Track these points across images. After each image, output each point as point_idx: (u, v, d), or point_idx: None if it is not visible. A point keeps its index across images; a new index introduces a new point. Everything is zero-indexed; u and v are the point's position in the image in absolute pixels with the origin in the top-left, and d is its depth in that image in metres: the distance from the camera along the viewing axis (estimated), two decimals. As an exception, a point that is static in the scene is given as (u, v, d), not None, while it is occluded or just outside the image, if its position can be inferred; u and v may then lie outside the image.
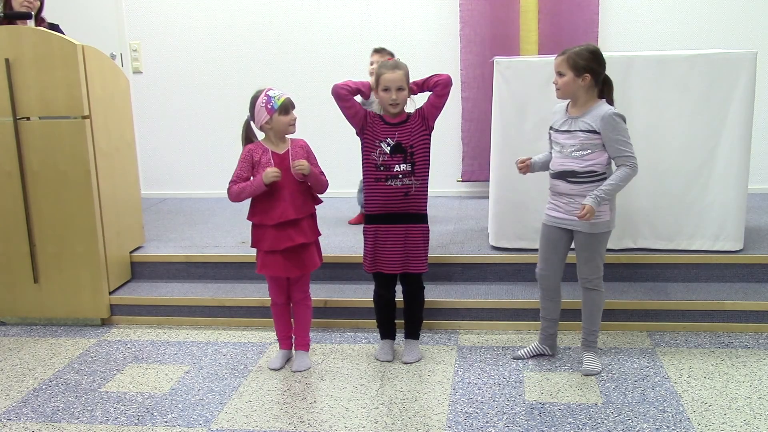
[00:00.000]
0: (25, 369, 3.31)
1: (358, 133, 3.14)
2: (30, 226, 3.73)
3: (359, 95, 3.13)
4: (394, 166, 3.03)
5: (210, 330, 3.71)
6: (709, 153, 3.60)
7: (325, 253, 3.35)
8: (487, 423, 2.67)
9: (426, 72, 3.16)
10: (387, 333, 3.31)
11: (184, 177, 5.84)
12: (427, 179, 3.10)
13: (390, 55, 4.29)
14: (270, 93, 2.97)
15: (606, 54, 2.89)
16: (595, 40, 5.12)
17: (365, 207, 3.17)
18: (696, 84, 3.55)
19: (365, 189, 3.13)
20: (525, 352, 3.22)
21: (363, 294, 3.63)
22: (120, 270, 3.97)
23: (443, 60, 5.28)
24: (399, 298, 3.27)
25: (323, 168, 3.17)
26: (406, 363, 3.20)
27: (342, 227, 4.55)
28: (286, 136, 3.07)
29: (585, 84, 2.85)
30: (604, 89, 2.92)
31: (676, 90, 3.57)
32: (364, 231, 3.17)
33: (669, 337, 3.40)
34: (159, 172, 5.84)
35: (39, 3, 3.89)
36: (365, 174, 3.12)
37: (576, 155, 2.89)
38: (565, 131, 2.93)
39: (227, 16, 5.55)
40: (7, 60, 3.55)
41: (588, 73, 2.83)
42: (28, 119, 3.64)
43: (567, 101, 2.97)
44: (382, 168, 3.05)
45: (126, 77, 4.09)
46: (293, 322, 3.25)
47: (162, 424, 2.76)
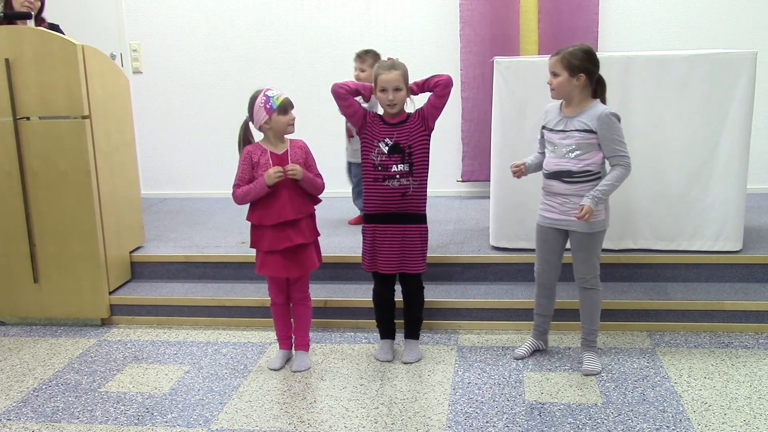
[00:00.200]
0: (25, 369, 3.31)
1: (358, 133, 3.14)
2: (30, 226, 3.73)
3: (361, 98, 3.13)
4: (391, 166, 3.03)
5: (210, 330, 3.71)
6: (709, 153, 3.60)
7: (325, 253, 3.35)
8: (487, 423, 2.67)
9: (426, 72, 3.15)
10: (386, 333, 3.32)
11: (184, 177, 5.84)
12: (426, 180, 3.09)
13: (373, 58, 4.29)
14: (268, 93, 2.97)
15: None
16: (595, 40, 5.12)
17: (364, 206, 3.17)
18: (696, 84, 3.55)
19: (364, 188, 3.14)
20: (524, 351, 3.22)
21: (363, 294, 3.63)
22: (120, 270, 3.97)
23: (443, 60, 5.28)
24: (399, 298, 3.28)
25: (322, 168, 3.17)
26: (406, 363, 3.20)
27: (342, 227, 4.55)
28: (285, 136, 3.07)
29: (580, 84, 2.85)
30: (597, 89, 2.93)
31: (676, 90, 3.57)
32: (363, 230, 3.17)
33: (669, 337, 3.40)
34: (159, 172, 5.84)
35: (40, 3, 3.89)
36: (364, 173, 3.11)
37: (571, 155, 2.90)
38: (560, 131, 2.93)
39: (227, 15, 5.55)
40: (7, 60, 3.55)
41: (582, 73, 2.84)
42: (28, 119, 3.64)
43: (559, 101, 2.98)
44: (379, 168, 3.04)
45: (126, 77, 4.09)
46: (293, 322, 3.26)
47: (162, 424, 2.76)
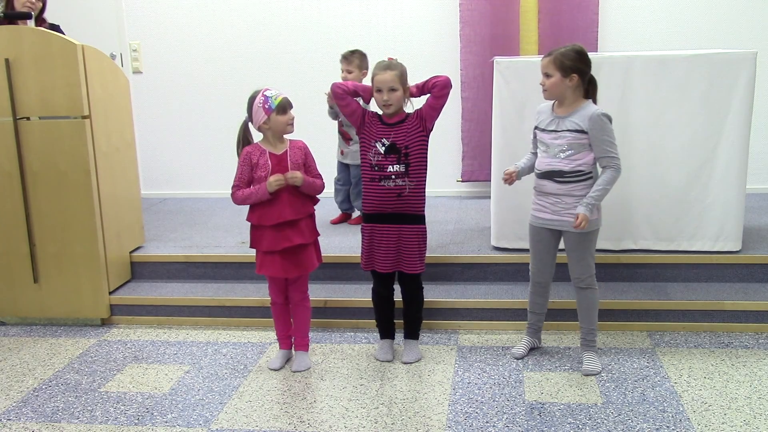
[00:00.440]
0: (25, 369, 3.31)
1: (357, 132, 3.14)
2: (30, 226, 3.73)
3: (361, 99, 3.13)
4: (387, 166, 3.02)
5: (210, 330, 3.71)
6: (709, 153, 3.60)
7: (325, 253, 3.35)
8: (487, 423, 2.67)
9: (426, 72, 3.15)
10: (386, 332, 3.32)
11: (184, 177, 5.84)
12: (424, 180, 3.08)
13: (360, 59, 4.29)
14: (267, 93, 2.97)
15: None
16: (595, 40, 5.12)
17: (363, 206, 3.18)
18: (696, 84, 3.55)
19: (363, 188, 3.13)
20: (522, 350, 3.23)
21: (363, 294, 3.63)
22: (120, 270, 3.97)
23: (443, 60, 5.28)
24: (399, 298, 3.28)
25: (322, 168, 3.17)
26: (405, 363, 3.20)
27: (342, 227, 4.54)
28: (284, 136, 3.07)
29: (572, 84, 2.86)
30: (589, 89, 2.93)
31: (676, 90, 3.57)
32: (361, 229, 3.17)
33: (669, 337, 3.40)
34: (159, 172, 5.84)
35: (41, 4, 3.89)
36: (362, 173, 3.12)
37: (563, 155, 2.90)
38: (552, 131, 2.94)
39: (227, 16, 5.55)
40: (7, 60, 3.55)
41: (575, 73, 2.84)
42: (28, 119, 3.64)
43: (552, 101, 2.98)
44: (376, 168, 3.04)
45: (126, 77, 4.09)
46: (293, 322, 3.25)
47: (162, 424, 2.76)
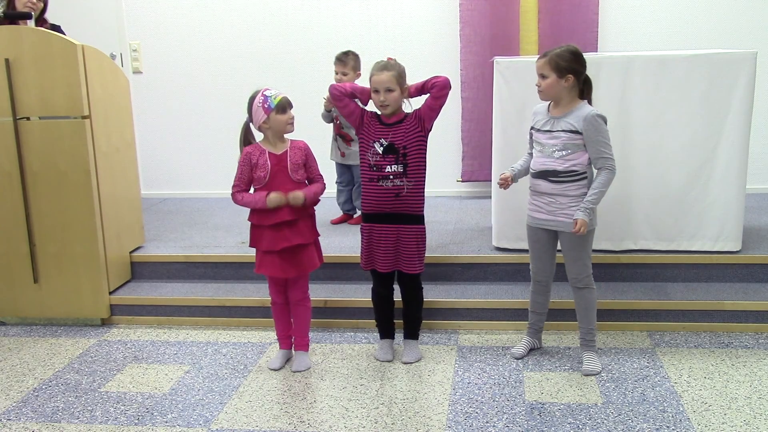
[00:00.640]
0: (25, 369, 3.31)
1: (356, 133, 3.14)
2: (30, 226, 3.73)
3: (359, 101, 3.14)
4: (385, 166, 3.02)
5: (210, 330, 3.71)
6: (709, 153, 3.60)
7: (325, 253, 3.35)
8: (487, 423, 2.67)
9: (425, 72, 3.15)
10: (386, 332, 3.32)
11: (184, 177, 5.84)
12: (422, 181, 3.08)
13: (355, 60, 4.30)
14: (267, 93, 2.98)
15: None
16: (595, 40, 5.12)
17: (362, 206, 3.18)
18: (696, 84, 3.55)
19: (362, 188, 3.14)
20: (522, 350, 3.23)
21: (363, 294, 3.63)
22: (120, 270, 3.97)
23: (443, 60, 5.28)
24: (398, 298, 3.28)
25: (323, 168, 3.18)
26: (405, 363, 3.20)
27: (342, 227, 4.54)
28: (284, 135, 3.07)
29: (568, 85, 2.87)
30: (584, 89, 2.94)
31: (676, 90, 3.57)
32: (360, 229, 3.17)
33: (669, 337, 3.40)
34: (159, 172, 5.84)
35: (42, 4, 3.89)
36: (361, 173, 3.12)
37: (557, 155, 2.91)
38: (547, 131, 2.94)
39: (227, 15, 5.55)
40: (7, 60, 3.55)
41: (570, 74, 2.85)
42: (28, 119, 3.64)
43: (548, 102, 2.99)
44: (374, 168, 3.04)
45: (126, 77, 4.09)
46: (293, 322, 3.25)
47: (162, 424, 2.76)
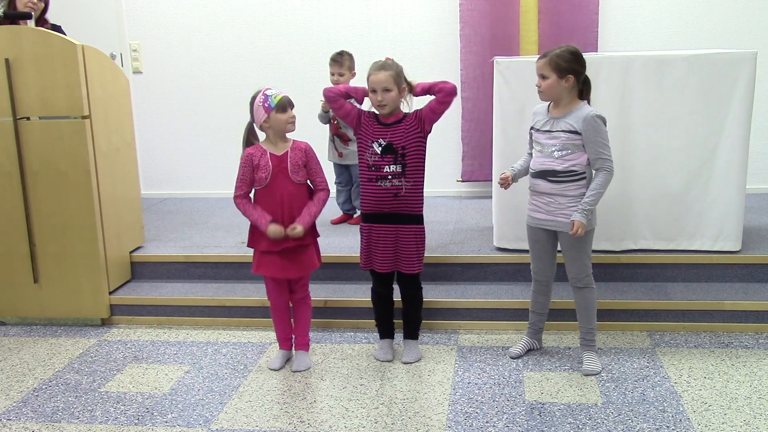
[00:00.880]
0: (25, 369, 3.31)
1: (354, 133, 3.15)
2: (30, 226, 3.73)
3: (354, 101, 3.14)
4: (384, 166, 3.02)
5: (210, 330, 3.71)
6: (709, 153, 3.60)
7: (325, 253, 3.36)
8: (487, 423, 2.67)
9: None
10: (386, 332, 3.32)
11: (184, 177, 5.84)
12: (421, 181, 3.07)
13: (350, 60, 4.31)
14: (267, 92, 2.98)
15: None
16: (595, 40, 5.12)
17: (361, 206, 3.18)
18: (696, 84, 3.55)
19: (361, 188, 3.14)
20: (519, 349, 3.23)
21: (363, 294, 3.63)
22: (120, 270, 3.97)
23: (443, 60, 5.28)
24: (398, 298, 3.28)
25: (324, 168, 3.17)
26: (405, 363, 3.20)
27: (342, 227, 4.54)
28: (286, 135, 3.07)
29: (568, 85, 2.87)
30: (583, 89, 2.94)
31: (676, 90, 3.57)
32: (360, 229, 3.18)
33: (669, 337, 3.40)
34: (159, 172, 5.84)
35: (43, 4, 3.89)
36: (360, 173, 3.12)
37: (557, 155, 2.91)
38: (547, 131, 2.95)
39: (227, 16, 5.55)
40: (7, 60, 3.55)
41: (571, 74, 2.85)
42: (28, 119, 3.64)
43: (547, 102, 2.99)
44: (373, 168, 3.04)
45: (126, 77, 4.09)
46: (293, 321, 3.26)
47: (162, 424, 2.76)
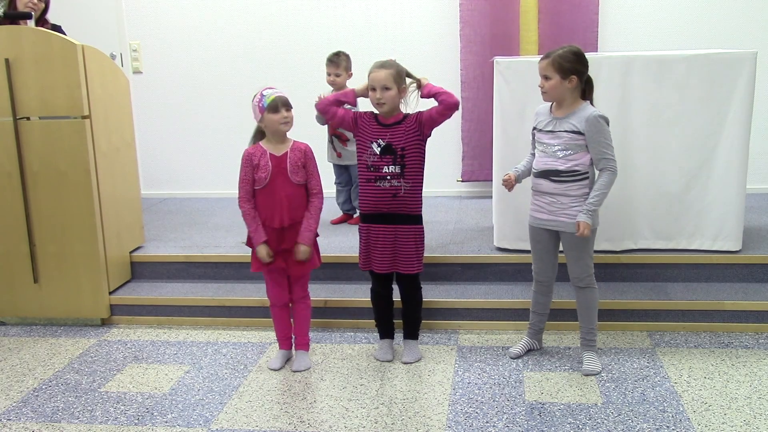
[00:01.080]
0: (25, 369, 3.31)
1: (354, 136, 3.15)
2: (30, 226, 3.73)
3: (347, 104, 3.15)
4: (383, 167, 3.03)
5: (210, 330, 3.71)
6: (709, 153, 3.60)
7: (325, 253, 3.36)
8: (487, 423, 2.67)
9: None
10: (386, 332, 3.32)
11: (184, 177, 5.84)
12: (420, 181, 3.08)
13: (347, 60, 4.31)
14: (265, 92, 3.00)
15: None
16: (595, 40, 5.12)
17: (360, 206, 3.18)
18: (696, 84, 3.55)
19: (359, 188, 3.14)
20: (519, 349, 3.23)
21: (363, 294, 3.63)
22: (120, 270, 3.97)
23: (443, 60, 5.28)
24: (398, 298, 3.28)
25: (323, 169, 3.18)
26: (405, 363, 3.20)
27: (342, 227, 4.54)
28: (286, 135, 3.08)
29: (572, 86, 2.87)
30: (585, 89, 2.94)
31: (676, 90, 3.57)
32: (359, 229, 3.18)
33: (669, 337, 3.40)
34: (159, 172, 5.84)
35: (43, 4, 3.89)
36: (359, 173, 3.12)
37: (560, 155, 2.91)
38: (550, 131, 2.95)
39: (227, 16, 5.55)
40: (7, 60, 3.55)
41: (574, 75, 2.85)
42: (28, 119, 3.64)
43: (550, 102, 2.99)
44: (372, 169, 3.04)
45: (126, 77, 4.09)
46: (293, 321, 3.26)
47: (162, 424, 2.76)
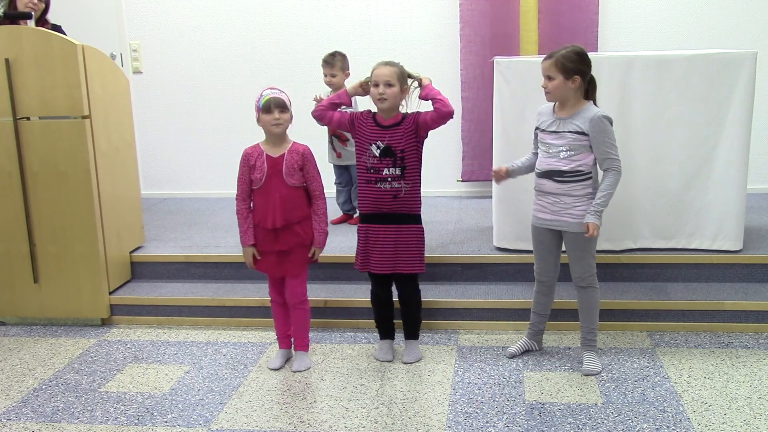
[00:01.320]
0: (25, 369, 3.31)
1: (353, 136, 3.16)
2: (30, 226, 3.73)
3: (343, 105, 3.16)
4: (383, 169, 3.03)
5: (210, 330, 3.71)
6: (709, 153, 3.60)
7: (325, 253, 3.35)
8: (487, 423, 2.67)
9: (425, 72, 3.15)
10: (386, 333, 3.32)
11: (184, 177, 5.84)
12: (419, 182, 3.09)
13: (342, 61, 4.31)
14: (264, 92, 3.02)
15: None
16: (595, 40, 5.12)
17: (359, 206, 3.18)
18: (696, 84, 3.55)
19: (359, 189, 3.14)
20: (516, 349, 3.23)
21: (363, 294, 3.63)
22: (120, 270, 3.97)
23: (443, 60, 5.28)
24: (397, 299, 3.28)
25: (323, 169, 3.18)
26: (405, 363, 3.20)
27: (342, 227, 4.54)
28: (286, 136, 3.08)
29: (575, 86, 2.87)
30: (588, 88, 2.94)
31: (676, 90, 3.57)
32: (357, 230, 3.18)
33: (669, 337, 3.40)
34: (159, 172, 5.84)
35: (43, 5, 3.89)
36: (358, 174, 3.13)
37: (563, 155, 2.91)
38: (553, 132, 2.95)
39: (227, 16, 5.55)
40: (7, 60, 3.55)
41: (577, 75, 2.85)
42: (28, 119, 3.64)
43: (553, 102, 2.99)
44: (371, 170, 3.05)
45: (126, 77, 4.09)
46: (292, 325, 3.25)
47: (162, 424, 2.76)
